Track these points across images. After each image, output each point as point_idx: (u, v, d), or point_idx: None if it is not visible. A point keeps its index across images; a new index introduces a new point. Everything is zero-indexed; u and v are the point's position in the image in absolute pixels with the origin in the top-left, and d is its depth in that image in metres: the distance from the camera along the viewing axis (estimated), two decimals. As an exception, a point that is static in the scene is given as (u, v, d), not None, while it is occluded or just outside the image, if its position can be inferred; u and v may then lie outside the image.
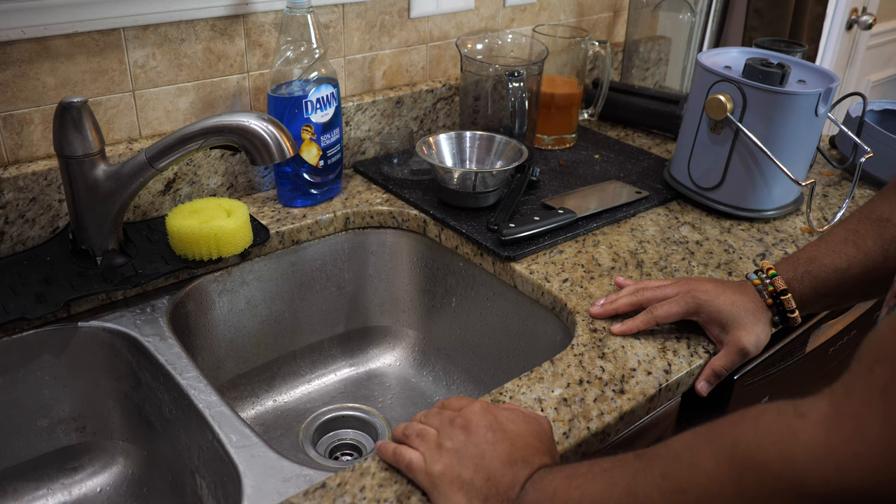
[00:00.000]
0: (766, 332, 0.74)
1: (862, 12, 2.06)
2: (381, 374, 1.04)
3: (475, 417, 0.58)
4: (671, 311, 0.74)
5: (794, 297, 0.74)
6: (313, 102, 0.91)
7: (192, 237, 0.82)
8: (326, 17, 1.01)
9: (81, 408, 0.82)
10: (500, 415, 0.58)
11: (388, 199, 1.00)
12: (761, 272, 0.76)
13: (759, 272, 0.76)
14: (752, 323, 0.73)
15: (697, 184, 1.00)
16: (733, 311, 0.73)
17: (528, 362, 0.88)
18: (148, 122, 0.91)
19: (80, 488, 0.83)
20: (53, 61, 0.82)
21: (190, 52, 0.91)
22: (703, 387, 0.73)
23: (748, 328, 0.73)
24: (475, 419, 0.57)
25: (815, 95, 0.91)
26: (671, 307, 0.74)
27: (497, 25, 1.22)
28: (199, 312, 0.88)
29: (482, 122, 1.10)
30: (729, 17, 1.65)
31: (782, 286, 0.74)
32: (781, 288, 0.74)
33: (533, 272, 0.85)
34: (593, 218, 0.96)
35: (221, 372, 0.93)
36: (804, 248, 0.77)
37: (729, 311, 0.73)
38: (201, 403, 0.69)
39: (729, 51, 1.04)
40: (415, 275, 1.02)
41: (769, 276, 0.75)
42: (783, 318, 0.75)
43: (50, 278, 0.79)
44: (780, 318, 0.75)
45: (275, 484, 0.60)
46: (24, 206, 0.83)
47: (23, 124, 0.83)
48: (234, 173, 0.98)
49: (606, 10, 1.38)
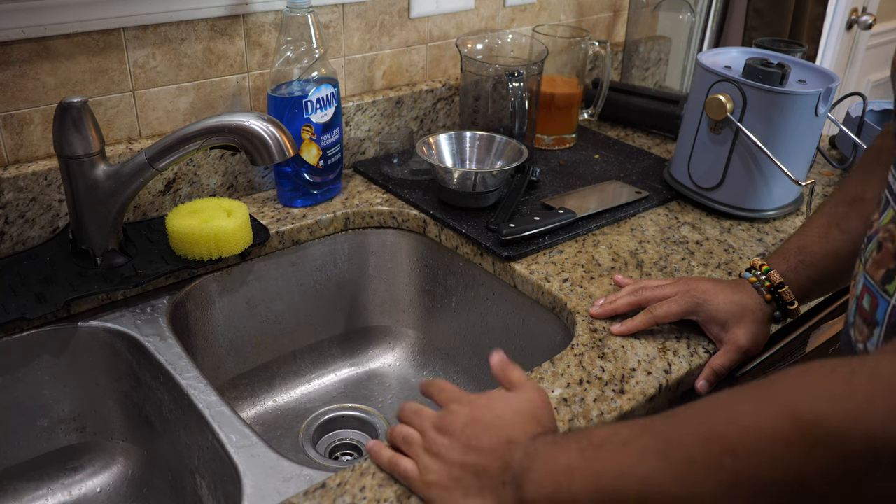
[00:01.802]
0: (765, 330, 0.74)
1: (862, 12, 2.06)
2: (381, 374, 1.03)
3: (450, 418, 0.57)
4: (670, 310, 0.74)
5: (792, 289, 0.74)
6: (313, 102, 0.91)
7: (192, 237, 0.82)
8: (326, 17, 1.01)
9: (81, 408, 0.82)
10: (476, 405, 0.58)
11: (388, 199, 1.00)
12: (755, 269, 0.76)
13: (753, 269, 0.76)
14: (751, 321, 0.73)
15: (697, 184, 1.00)
16: (732, 310, 0.73)
17: (528, 362, 0.88)
18: (148, 122, 0.91)
19: (80, 488, 0.83)
20: (53, 61, 0.82)
21: (190, 52, 0.91)
22: (702, 385, 0.73)
23: (747, 326, 0.73)
24: (450, 419, 0.57)
25: (815, 95, 0.91)
26: (670, 307, 0.74)
27: (497, 25, 1.22)
28: (199, 312, 0.88)
29: (482, 122, 1.10)
30: (729, 17, 1.65)
31: (778, 279, 0.74)
32: (778, 281, 0.74)
33: (533, 272, 0.85)
34: (593, 218, 0.96)
35: (221, 372, 0.93)
36: (790, 240, 0.77)
37: (727, 310, 0.73)
38: (201, 403, 0.69)
39: (729, 51, 1.04)
40: (415, 275, 1.01)
41: (764, 272, 0.75)
42: (784, 312, 0.75)
43: (50, 278, 0.79)
44: (780, 312, 0.75)
45: (275, 484, 0.60)
46: (24, 206, 0.83)
47: (23, 124, 0.83)
48: (234, 173, 0.98)
49: (606, 10, 1.38)
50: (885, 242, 0.55)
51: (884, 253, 0.55)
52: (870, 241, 0.58)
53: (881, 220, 0.57)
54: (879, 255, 0.56)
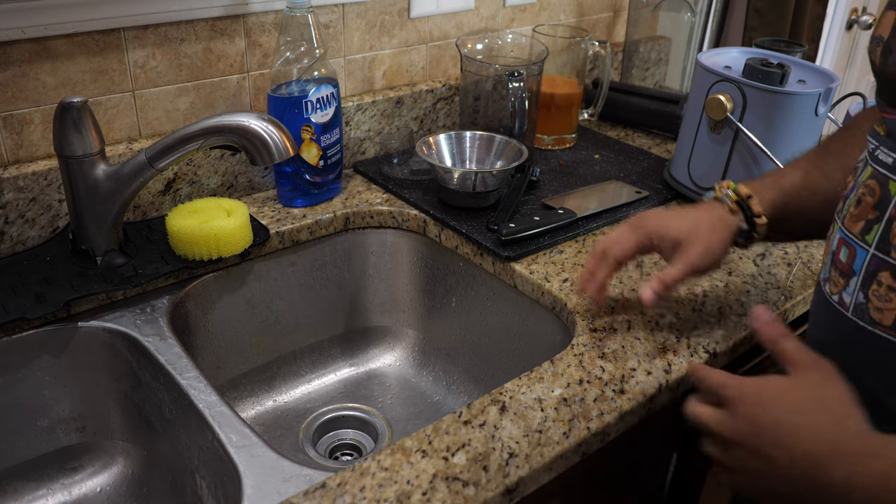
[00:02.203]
0: (721, 242, 0.72)
1: (862, 12, 2.06)
2: (381, 374, 1.04)
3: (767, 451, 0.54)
4: (624, 247, 0.72)
5: (763, 204, 0.72)
6: (313, 102, 0.91)
7: (192, 237, 0.82)
8: (326, 17, 1.01)
9: (81, 408, 0.82)
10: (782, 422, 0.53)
11: (388, 199, 1.00)
12: (720, 188, 0.74)
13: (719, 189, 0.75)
14: (706, 234, 0.71)
15: (697, 184, 1.00)
16: (683, 228, 0.71)
17: (528, 362, 0.88)
18: (148, 122, 0.91)
19: (80, 488, 0.83)
20: (53, 61, 0.82)
21: (190, 52, 0.91)
22: (648, 294, 0.70)
23: (701, 239, 0.70)
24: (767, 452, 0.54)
25: (814, 95, 0.91)
26: (623, 244, 0.72)
27: (497, 25, 1.22)
28: (199, 312, 0.88)
29: (482, 122, 1.10)
30: (729, 17, 1.65)
31: (747, 192, 0.72)
32: (746, 193, 0.72)
33: (533, 272, 0.85)
34: (593, 218, 0.96)
35: (221, 372, 0.93)
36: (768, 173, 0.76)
37: (678, 229, 0.71)
38: (201, 403, 0.69)
39: (729, 51, 1.04)
40: (415, 275, 1.02)
41: (731, 188, 0.73)
42: (751, 225, 0.73)
43: (50, 278, 0.79)
44: (748, 224, 0.73)
45: (275, 484, 0.60)
46: (24, 206, 0.83)
47: (23, 124, 0.83)
48: (234, 173, 0.98)
49: (606, 10, 1.38)
50: (865, 197, 0.57)
51: (863, 206, 0.57)
52: (846, 199, 0.60)
53: (860, 177, 0.59)
54: (858, 209, 0.57)
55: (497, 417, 0.64)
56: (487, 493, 0.58)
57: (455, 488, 0.57)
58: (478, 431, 0.63)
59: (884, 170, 0.56)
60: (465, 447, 0.61)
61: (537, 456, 0.61)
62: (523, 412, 0.65)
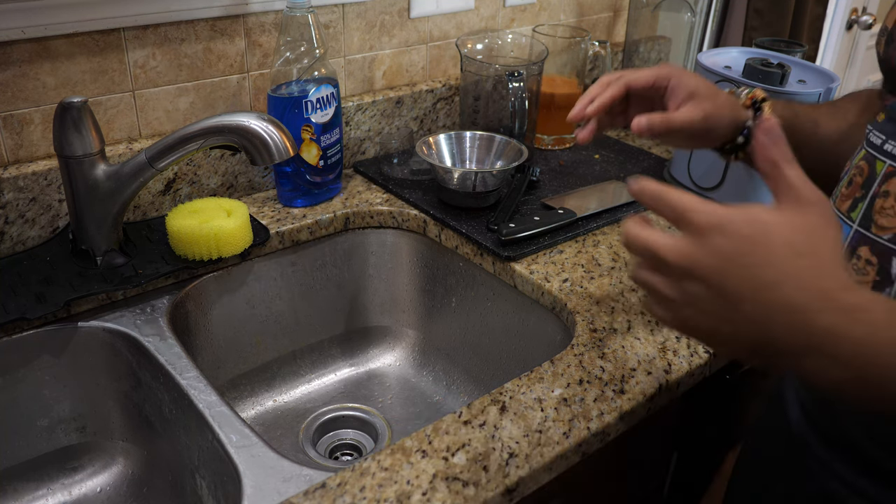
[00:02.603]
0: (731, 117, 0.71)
1: (862, 12, 2.06)
2: (381, 374, 1.04)
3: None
4: (640, 75, 0.71)
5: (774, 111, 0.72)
6: (313, 102, 0.91)
7: (192, 237, 0.82)
8: (326, 17, 1.01)
9: (81, 408, 0.82)
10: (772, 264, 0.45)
11: (388, 199, 1.00)
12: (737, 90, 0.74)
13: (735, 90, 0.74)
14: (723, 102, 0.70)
15: (697, 184, 1.00)
16: (702, 86, 0.70)
17: (528, 362, 0.88)
18: (148, 122, 0.91)
19: (80, 488, 0.83)
20: (53, 61, 0.82)
21: (190, 52, 0.91)
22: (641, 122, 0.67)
23: (714, 102, 0.69)
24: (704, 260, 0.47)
25: (814, 95, 0.91)
26: (640, 72, 0.71)
27: (497, 25, 1.22)
28: (199, 312, 0.88)
29: (482, 122, 1.10)
30: (729, 17, 1.65)
31: (763, 95, 0.72)
32: (762, 97, 0.72)
33: (533, 272, 0.85)
34: (593, 218, 0.96)
35: (221, 372, 0.93)
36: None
37: (698, 84, 0.70)
38: (201, 403, 0.69)
39: (729, 51, 1.04)
40: (415, 275, 1.02)
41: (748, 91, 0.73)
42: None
43: (50, 278, 0.79)
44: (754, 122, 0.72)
45: (275, 484, 0.60)
46: (24, 206, 0.83)
47: (23, 124, 0.83)
48: (234, 173, 0.98)
49: (606, 10, 1.38)
50: (855, 177, 0.59)
51: (853, 187, 0.59)
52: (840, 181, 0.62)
53: (853, 160, 0.61)
54: (848, 189, 0.59)
55: (497, 417, 0.64)
56: (487, 493, 0.58)
57: (455, 488, 0.57)
58: (478, 431, 0.63)
59: (872, 150, 0.58)
60: (465, 447, 0.61)
61: (537, 456, 0.61)
62: (523, 412, 0.65)
